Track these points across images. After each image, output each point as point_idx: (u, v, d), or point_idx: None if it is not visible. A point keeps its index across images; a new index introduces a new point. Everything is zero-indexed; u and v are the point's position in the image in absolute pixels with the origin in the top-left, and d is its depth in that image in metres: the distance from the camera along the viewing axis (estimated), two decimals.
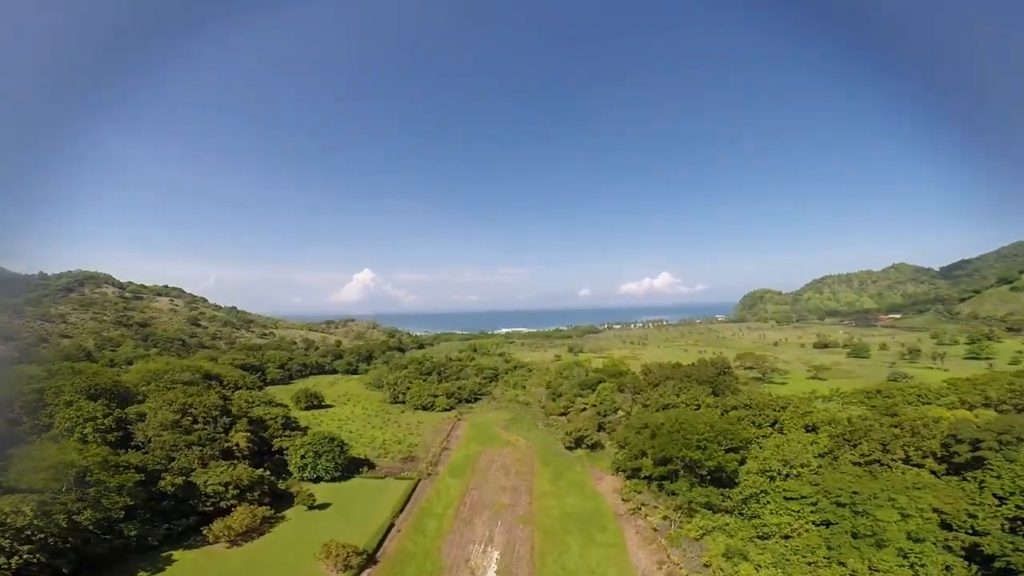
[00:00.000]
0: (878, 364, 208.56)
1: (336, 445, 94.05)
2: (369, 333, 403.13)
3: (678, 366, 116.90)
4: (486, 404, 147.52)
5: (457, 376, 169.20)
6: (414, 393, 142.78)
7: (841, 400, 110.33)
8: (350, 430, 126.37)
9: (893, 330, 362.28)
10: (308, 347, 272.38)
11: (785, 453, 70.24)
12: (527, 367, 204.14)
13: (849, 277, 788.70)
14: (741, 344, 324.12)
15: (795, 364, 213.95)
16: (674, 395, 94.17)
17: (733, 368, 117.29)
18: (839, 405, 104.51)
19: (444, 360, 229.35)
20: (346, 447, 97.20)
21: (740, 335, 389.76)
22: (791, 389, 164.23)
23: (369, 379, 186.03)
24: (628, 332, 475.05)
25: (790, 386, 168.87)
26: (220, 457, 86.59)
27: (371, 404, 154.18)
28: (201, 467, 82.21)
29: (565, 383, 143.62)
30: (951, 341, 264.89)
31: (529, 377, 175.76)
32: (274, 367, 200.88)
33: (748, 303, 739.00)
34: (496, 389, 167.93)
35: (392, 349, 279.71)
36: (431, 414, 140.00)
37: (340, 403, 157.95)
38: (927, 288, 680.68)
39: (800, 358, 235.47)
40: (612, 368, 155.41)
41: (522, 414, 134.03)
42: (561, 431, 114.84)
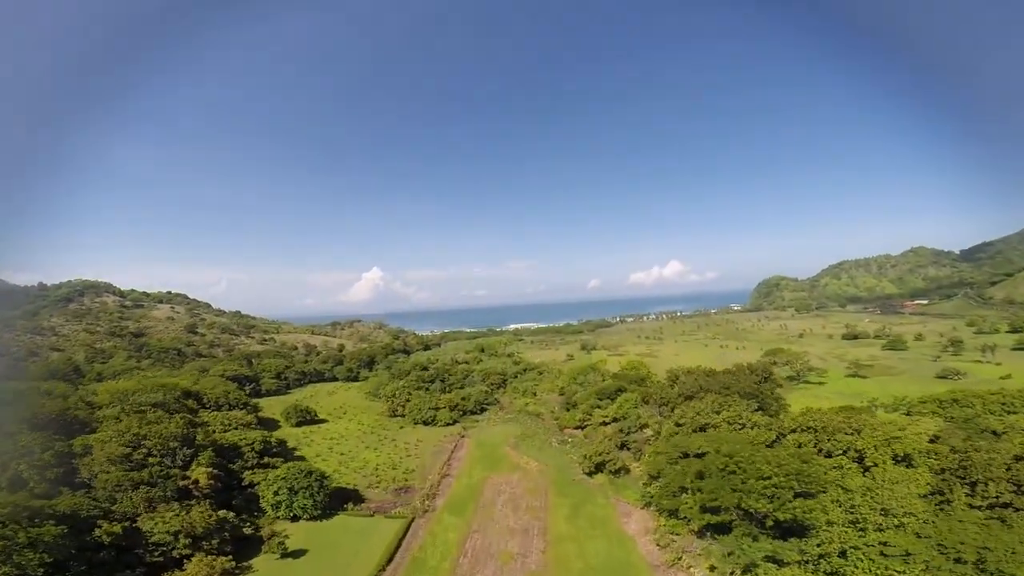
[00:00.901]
0: (919, 358, 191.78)
1: (315, 480, 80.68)
2: (374, 335, 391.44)
3: (711, 373, 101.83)
4: (493, 416, 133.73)
5: (462, 384, 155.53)
6: (414, 406, 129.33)
7: (907, 408, 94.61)
8: (341, 451, 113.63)
9: (923, 317, 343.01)
10: (309, 353, 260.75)
11: (881, 498, 55.30)
12: (537, 369, 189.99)
13: (867, 262, 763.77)
14: (762, 336, 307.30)
15: (828, 360, 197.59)
16: (713, 412, 79.43)
17: (773, 374, 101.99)
18: (907, 416, 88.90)
19: (450, 363, 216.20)
20: (327, 481, 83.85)
21: (760, 326, 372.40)
22: (831, 389, 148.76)
23: (369, 387, 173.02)
24: (641, 325, 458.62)
25: (829, 386, 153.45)
26: (175, 497, 73.67)
27: (368, 418, 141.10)
28: (148, 510, 69.39)
29: (580, 391, 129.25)
30: (991, 329, 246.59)
31: (540, 382, 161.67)
32: (269, 377, 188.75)
33: (764, 291, 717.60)
34: (504, 397, 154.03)
35: (396, 352, 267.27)
36: (432, 430, 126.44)
37: (335, 417, 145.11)
38: (949, 271, 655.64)
39: (831, 352, 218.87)
40: (632, 372, 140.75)
41: (533, 428, 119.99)
42: (577, 450, 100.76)
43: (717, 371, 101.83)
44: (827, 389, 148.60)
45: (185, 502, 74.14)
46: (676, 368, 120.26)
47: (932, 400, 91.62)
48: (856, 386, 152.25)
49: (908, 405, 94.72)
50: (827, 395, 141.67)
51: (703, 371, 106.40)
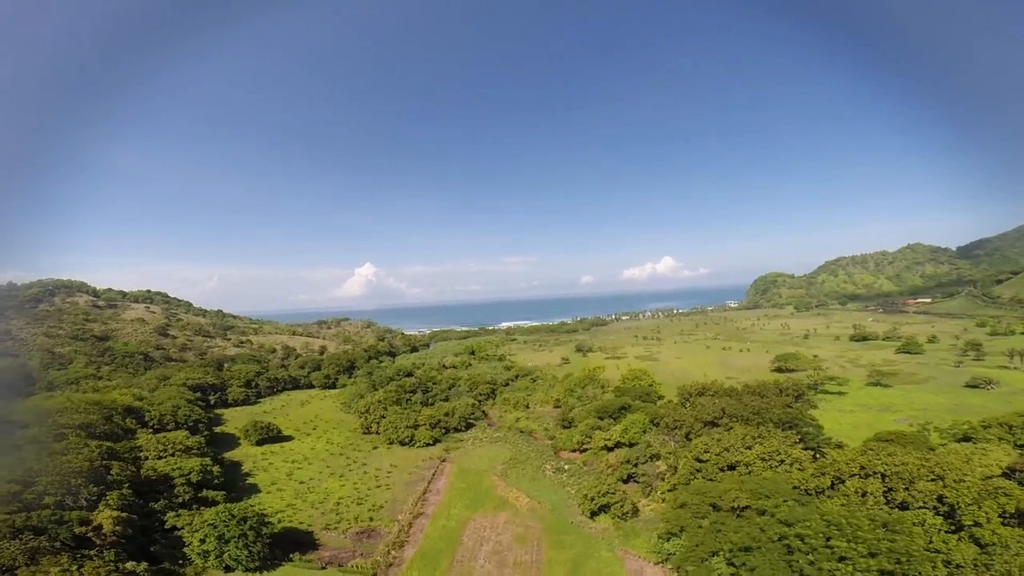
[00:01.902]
0: (939, 363, 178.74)
1: (250, 526, 65.32)
2: (361, 334, 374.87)
3: (734, 393, 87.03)
4: (480, 433, 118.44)
5: (446, 394, 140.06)
6: (389, 424, 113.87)
7: (964, 430, 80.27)
8: (301, 479, 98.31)
9: (928, 317, 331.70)
10: (287, 356, 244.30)
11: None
12: (530, 375, 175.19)
13: (864, 258, 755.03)
14: (764, 336, 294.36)
15: (841, 364, 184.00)
16: (743, 447, 64.81)
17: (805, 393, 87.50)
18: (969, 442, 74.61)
19: (436, 368, 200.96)
20: (267, 528, 68.50)
21: (760, 325, 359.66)
22: (853, 400, 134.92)
23: (346, 397, 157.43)
24: (638, 324, 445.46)
25: (851, 396, 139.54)
26: (69, 547, 58.20)
27: (340, 435, 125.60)
28: (29, 564, 54.01)
29: (578, 406, 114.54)
30: (1006, 330, 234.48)
31: (533, 391, 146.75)
32: (237, 385, 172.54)
33: (760, 287, 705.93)
34: (494, 409, 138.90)
35: (381, 355, 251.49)
36: (410, 451, 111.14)
37: (303, 434, 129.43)
38: (947, 269, 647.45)
39: (842, 355, 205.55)
40: (635, 384, 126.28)
41: (524, 451, 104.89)
42: (576, 481, 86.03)
43: (740, 391, 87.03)
44: (849, 400, 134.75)
45: (81, 552, 58.78)
46: (689, 384, 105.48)
47: (997, 423, 77.39)
48: (880, 396, 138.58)
49: (967, 428, 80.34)
50: (851, 407, 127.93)
51: (723, 390, 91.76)
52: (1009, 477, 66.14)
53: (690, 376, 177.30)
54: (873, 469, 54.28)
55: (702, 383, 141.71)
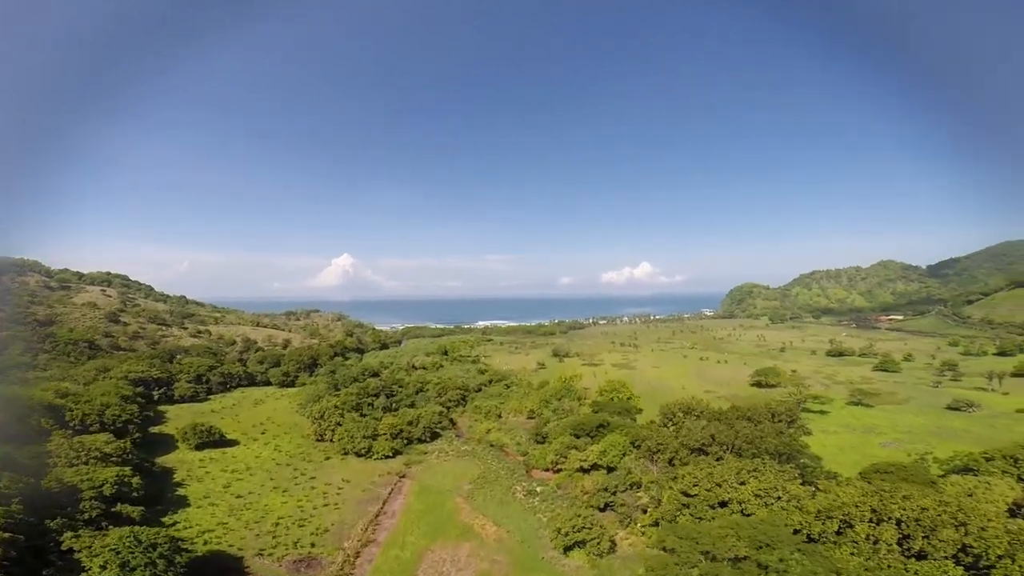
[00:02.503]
0: (916, 382, 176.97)
1: (160, 554, 55.09)
2: (330, 327, 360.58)
3: (723, 417, 79.66)
4: (447, 445, 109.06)
5: (412, 400, 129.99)
6: (345, 432, 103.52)
7: (966, 461, 74.76)
8: (239, 493, 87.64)
9: (900, 334, 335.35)
10: (247, 349, 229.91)
11: None
12: (505, 380, 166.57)
13: (838, 273, 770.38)
14: (741, 347, 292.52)
15: (820, 380, 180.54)
16: (736, 481, 57.40)
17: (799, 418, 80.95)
18: (971, 474, 68.96)
19: (405, 368, 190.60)
20: (182, 554, 58.38)
21: (736, 335, 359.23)
22: (836, 420, 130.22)
23: (303, 397, 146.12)
24: (615, 329, 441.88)
25: (833, 416, 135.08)
26: None
27: (290, 441, 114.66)
28: None
29: (553, 419, 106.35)
30: (979, 351, 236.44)
31: (506, 399, 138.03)
32: (186, 380, 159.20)
33: (736, 297, 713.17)
34: (463, 418, 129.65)
35: (348, 351, 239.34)
36: (366, 464, 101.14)
37: (251, 438, 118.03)
38: (917, 287, 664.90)
39: (820, 371, 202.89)
40: (613, 396, 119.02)
41: (495, 468, 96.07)
42: (549, 506, 77.77)
43: (729, 414, 79.86)
44: (832, 420, 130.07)
45: None
46: (672, 402, 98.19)
47: (1000, 455, 72.12)
48: (863, 416, 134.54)
49: (967, 459, 74.87)
50: (834, 428, 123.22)
51: (710, 412, 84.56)
52: (1015, 513, 60.79)
53: (668, 387, 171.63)
54: (888, 514, 47.42)
55: (684, 400, 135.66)
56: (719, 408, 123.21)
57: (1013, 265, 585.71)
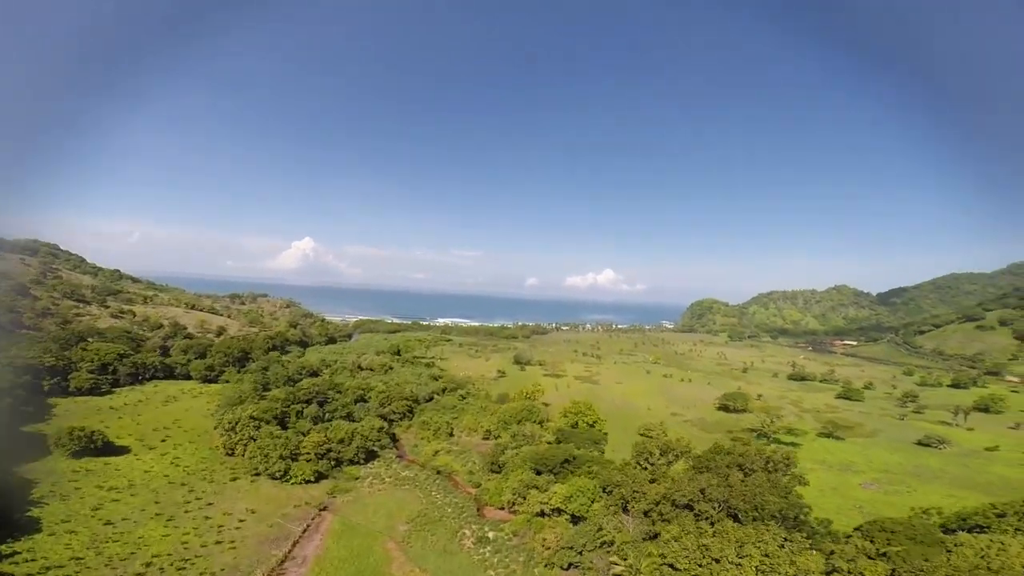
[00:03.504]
0: (881, 413, 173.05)
1: None
2: (276, 315, 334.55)
3: (708, 467, 66.91)
4: (385, 470, 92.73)
5: (348, 410, 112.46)
6: (257, 449, 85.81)
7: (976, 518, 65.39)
8: (108, 519, 69.87)
9: (855, 360, 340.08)
10: (173, 334, 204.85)
11: None
12: (460, 389, 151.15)
13: (794, 294, 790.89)
14: (703, 364, 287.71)
15: (785, 405, 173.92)
16: (734, 553, 44.87)
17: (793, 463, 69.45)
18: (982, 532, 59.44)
19: (351, 367, 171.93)
20: None
21: (697, 351, 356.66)
22: (809, 455, 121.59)
23: (223, 399, 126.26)
24: (578, 336, 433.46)
25: (805, 449, 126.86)
26: None
27: (193, 453, 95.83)
28: None
29: (511, 445, 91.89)
30: (935, 381, 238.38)
31: (461, 413, 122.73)
32: (87, 369, 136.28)
33: (696, 312, 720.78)
34: (408, 433, 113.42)
35: (289, 344, 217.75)
36: (281, 489, 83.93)
37: (146, 446, 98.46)
38: (868, 313, 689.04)
39: (784, 396, 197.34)
40: (578, 418, 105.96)
41: (440, 502, 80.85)
42: (502, 562, 63.23)
43: (719, 460, 67.25)
44: (805, 454, 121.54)
45: None
46: (645, 431, 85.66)
47: (1012, 511, 63.34)
48: (835, 451, 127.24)
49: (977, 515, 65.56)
50: (810, 464, 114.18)
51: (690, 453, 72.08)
52: None
53: (633, 408, 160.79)
54: None
55: (651, 424, 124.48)
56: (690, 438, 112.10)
57: (956, 298, 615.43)
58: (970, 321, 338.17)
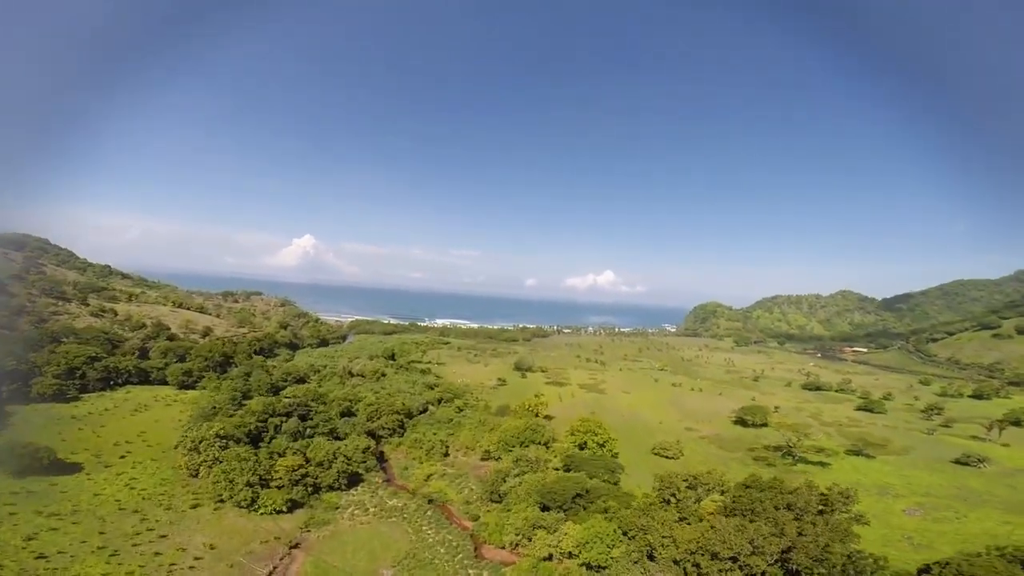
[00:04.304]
0: (908, 427, 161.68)
1: None
2: (269, 314, 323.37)
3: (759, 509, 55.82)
4: (369, 497, 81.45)
5: (333, 426, 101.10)
6: (222, 473, 74.63)
7: None
8: (42, 552, 59.90)
9: (868, 368, 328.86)
10: (155, 335, 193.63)
11: None
12: (458, 399, 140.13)
13: (799, 299, 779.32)
14: (712, 372, 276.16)
15: (804, 419, 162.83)
16: None
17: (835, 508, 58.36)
18: None
19: (341, 372, 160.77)
20: None
21: (704, 357, 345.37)
22: (842, 476, 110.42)
23: (197, 409, 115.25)
24: (580, 340, 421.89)
25: (836, 469, 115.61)
26: None
27: (153, 475, 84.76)
28: None
29: (514, 472, 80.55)
30: (956, 392, 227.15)
31: (458, 428, 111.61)
32: (52, 374, 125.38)
33: (700, 316, 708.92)
34: (398, 452, 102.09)
35: (278, 347, 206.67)
36: (248, 520, 72.80)
37: (102, 464, 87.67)
38: (873, 319, 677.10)
39: (801, 407, 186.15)
40: (588, 439, 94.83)
41: (432, 539, 69.70)
42: None
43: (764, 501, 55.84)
44: (837, 475, 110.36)
45: None
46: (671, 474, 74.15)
47: None
48: (869, 471, 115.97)
49: None
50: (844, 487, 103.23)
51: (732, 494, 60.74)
52: None
53: (644, 421, 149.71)
54: None
55: (667, 443, 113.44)
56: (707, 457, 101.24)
57: (963, 305, 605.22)
58: (985, 329, 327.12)
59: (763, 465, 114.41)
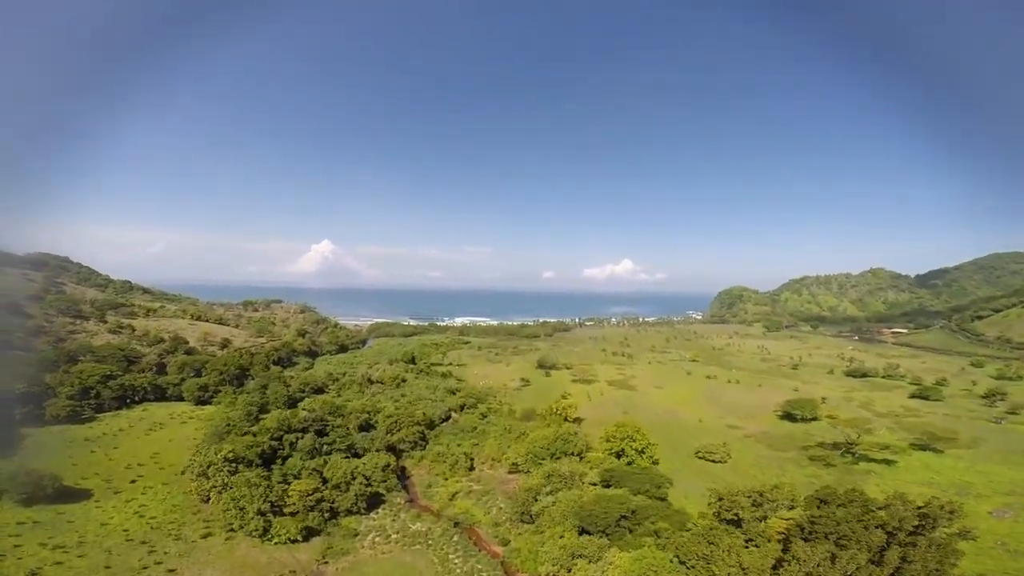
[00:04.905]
0: (972, 416, 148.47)
1: None
2: (288, 321, 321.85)
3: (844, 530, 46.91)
4: (391, 520, 74.71)
5: (351, 442, 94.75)
6: (231, 500, 68.68)
7: None
8: None
9: (911, 350, 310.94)
10: (173, 349, 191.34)
11: None
12: (480, 404, 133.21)
13: (828, 279, 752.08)
14: (747, 362, 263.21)
15: (854, 409, 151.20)
16: None
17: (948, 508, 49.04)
18: None
19: (360, 380, 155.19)
20: None
21: (735, 345, 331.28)
22: (912, 475, 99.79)
23: (212, 426, 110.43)
24: (603, 333, 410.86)
25: (903, 467, 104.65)
26: None
27: (164, 501, 79.37)
28: None
29: (546, 490, 72.72)
30: (1015, 374, 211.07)
31: (483, 437, 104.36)
32: (66, 395, 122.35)
33: (726, 301, 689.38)
34: (420, 467, 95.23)
35: (296, 356, 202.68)
36: (261, 550, 66.62)
37: (112, 489, 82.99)
38: (908, 297, 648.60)
39: (850, 396, 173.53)
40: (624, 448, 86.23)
41: (459, 570, 62.47)
42: None
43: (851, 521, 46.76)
44: (906, 474, 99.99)
45: None
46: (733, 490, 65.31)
47: None
48: (940, 469, 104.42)
49: None
50: (917, 488, 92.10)
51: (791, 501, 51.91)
52: None
53: (681, 419, 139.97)
54: None
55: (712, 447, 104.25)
56: (757, 458, 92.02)
57: (1002, 279, 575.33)
58: None
59: (821, 465, 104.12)
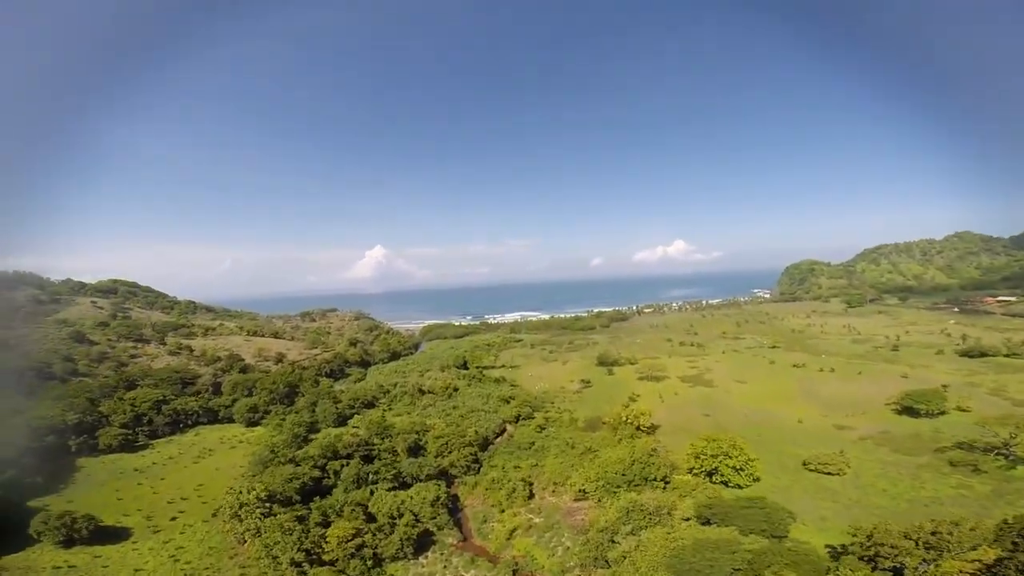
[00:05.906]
0: None
1: None
2: (344, 329, 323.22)
3: None
4: (441, 567, 63.45)
5: (397, 470, 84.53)
6: (263, 546, 59.94)
7: None
8: None
9: None
10: (229, 367, 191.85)
11: None
12: (537, 413, 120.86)
13: (908, 246, 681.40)
14: (833, 343, 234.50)
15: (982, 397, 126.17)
16: None
17: None
18: None
19: (412, 391, 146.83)
20: None
21: (818, 326, 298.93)
22: None
23: (263, 445, 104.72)
24: (665, 320, 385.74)
25: None
26: None
27: (202, 542, 72.23)
28: None
29: (625, 528, 59.10)
30: None
31: (542, 456, 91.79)
32: (118, 423, 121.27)
33: (796, 276, 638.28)
34: (474, 495, 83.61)
35: (349, 366, 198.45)
36: None
37: (152, 527, 77.21)
38: (1006, 260, 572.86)
39: (973, 382, 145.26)
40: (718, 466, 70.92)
41: None
42: None
43: None
44: None
45: None
46: (885, 528, 48.70)
47: None
48: None
49: None
50: None
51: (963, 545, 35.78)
52: None
53: (775, 420, 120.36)
54: None
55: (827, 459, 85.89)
56: (884, 468, 73.85)
57: None
58: None
59: (968, 472, 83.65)
